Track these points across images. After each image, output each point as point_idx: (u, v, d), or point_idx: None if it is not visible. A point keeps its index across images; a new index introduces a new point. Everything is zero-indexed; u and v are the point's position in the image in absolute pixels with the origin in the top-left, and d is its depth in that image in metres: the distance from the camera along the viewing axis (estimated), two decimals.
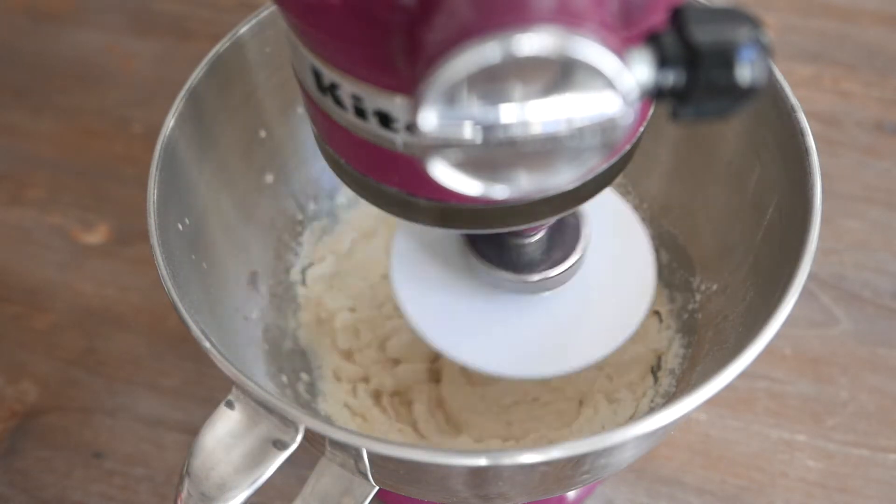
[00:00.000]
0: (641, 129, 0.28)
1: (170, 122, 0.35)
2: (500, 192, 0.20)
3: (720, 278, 0.40)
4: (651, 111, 0.28)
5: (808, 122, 0.34)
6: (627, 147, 0.27)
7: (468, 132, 0.18)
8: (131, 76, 0.64)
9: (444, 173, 0.19)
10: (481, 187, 0.20)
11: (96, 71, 0.65)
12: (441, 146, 0.18)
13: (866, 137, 0.58)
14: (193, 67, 0.37)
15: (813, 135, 0.34)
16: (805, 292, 0.50)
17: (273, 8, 0.39)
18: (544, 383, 0.44)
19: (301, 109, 0.43)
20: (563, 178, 0.20)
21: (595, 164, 0.20)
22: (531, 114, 0.18)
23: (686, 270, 0.43)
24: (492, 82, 0.18)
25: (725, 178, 0.40)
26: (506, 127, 0.18)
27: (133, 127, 0.61)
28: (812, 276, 0.52)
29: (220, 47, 0.37)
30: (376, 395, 0.45)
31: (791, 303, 0.30)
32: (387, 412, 0.44)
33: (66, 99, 0.63)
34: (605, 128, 0.19)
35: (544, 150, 0.19)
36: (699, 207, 0.42)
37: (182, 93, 0.36)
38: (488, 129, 0.18)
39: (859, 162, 0.57)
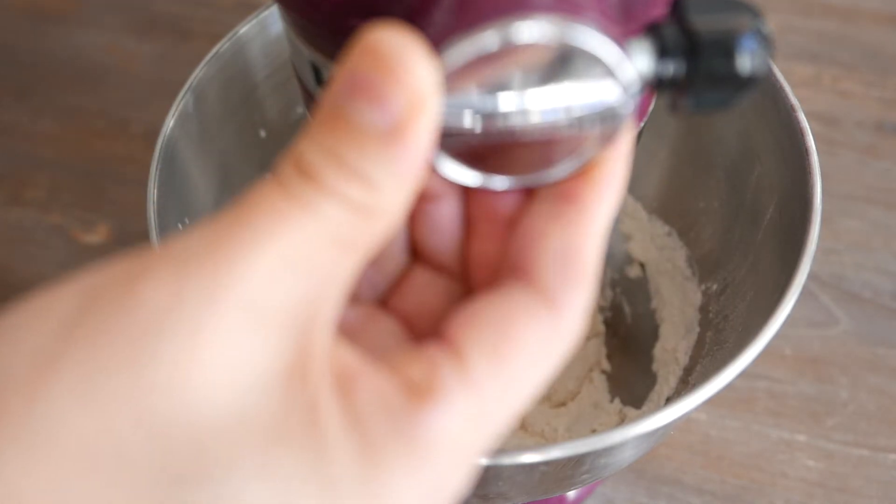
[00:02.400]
0: (641, 124, 0.28)
1: (170, 121, 0.35)
2: (498, 183, 0.20)
3: (720, 278, 0.40)
4: (651, 107, 0.28)
5: (808, 122, 0.34)
6: None
7: (467, 121, 0.18)
8: (131, 76, 0.64)
9: (443, 164, 0.19)
10: (480, 178, 0.20)
11: (96, 71, 0.65)
12: (440, 135, 0.18)
13: (866, 137, 0.58)
14: (193, 67, 0.37)
15: (813, 135, 0.34)
16: (805, 292, 0.50)
17: (273, 7, 0.39)
18: None
19: (301, 109, 0.43)
20: (563, 170, 0.19)
21: (595, 156, 0.19)
22: (530, 102, 0.18)
23: (686, 270, 0.43)
24: (490, 71, 0.18)
25: (725, 178, 0.40)
26: (505, 116, 0.18)
27: (133, 127, 0.61)
28: (812, 276, 0.52)
29: (219, 47, 0.37)
30: None
31: (791, 303, 0.30)
32: None
33: (66, 99, 0.63)
34: (605, 117, 0.19)
35: (544, 140, 0.19)
36: (699, 207, 0.42)
37: (182, 93, 0.36)
38: (487, 117, 0.18)
39: (859, 162, 0.57)
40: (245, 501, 0.15)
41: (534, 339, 0.18)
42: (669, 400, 0.41)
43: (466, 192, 0.21)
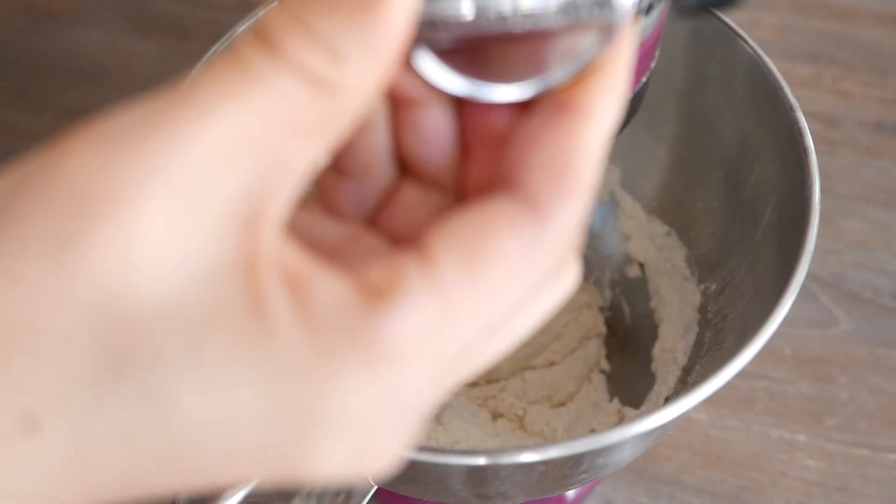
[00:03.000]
0: (644, 79, 0.27)
1: None
2: (488, 92, 0.18)
3: (719, 278, 0.40)
4: (653, 63, 0.28)
5: (808, 122, 0.34)
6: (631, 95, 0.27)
7: (461, 6, 0.17)
8: (131, 76, 0.64)
9: (425, 65, 0.18)
10: (466, 85, 0.18)
11: (96, 71, 0.65)
12: (429, 27, 0.17)
13: (866, 137, 0.58)
14: (193, 67, 0.37)
15: (813, 135, 0.34)
16: (805, 292, 0.50)
17: (272, 7, 0.39)
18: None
19: None
20: (558, 76, 0.18)
21: (591, 58, 0.18)
22: None
23: (685, 270, 0.43)
24: None
25: (724, 178, 0.40)
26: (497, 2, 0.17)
27: None
28: (812, 276, 0.52)
29: (218, 47, 0.37)
30: None
31: (789, 302, 0.30)
32: None
33: (66, 99, 0.63)
34: (601, 2, 0.17)
35: (536, 36, 0.18)
36: (698, 207, 0.42)
37: None
38: (480, 4, 0.17)
39: (859, 162, 0.57)
40: (179, 392, 0.14)
41: (513, 247, 0.16)
42: (668, 400, 0.41)
43: (460, 109, 0.19)
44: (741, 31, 0.38)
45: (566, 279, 0.18)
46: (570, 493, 0.43)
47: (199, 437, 0.15)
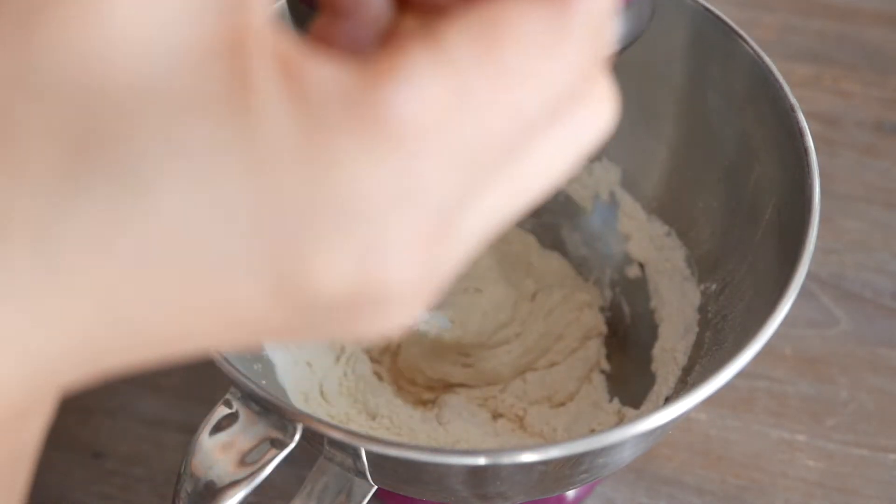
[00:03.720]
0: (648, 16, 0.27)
1: None
2: None
3: (719, 278, 0.40)
4: (653, 11, 0.27)
5: (808, 122, 0.34)
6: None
7: None
8: None
9: None
10: None
11: None
12: None
13: (866, 137, 0.58)
14: None
15: (813, 135, 0.34)
16: (805, 292, 0.50)
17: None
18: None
19: None
20: None
21: None
22: None
23: (685, 270, 0.43)
24: None
25: (724, 177, 0.40)
26: None
27: None
28: (812, 276, 0.52)
29: None
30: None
31: (789, 302, 0.30)
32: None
33: None
34: None
35: None
36: (698, 207, 0.42)
37: None
38: None
39: (859, 162, 0.57)
40: (155, 184, 0.13)
41: (530, 28, 0.14)
42: (668, 400, 0.41)
43: None
44: (741, 31, 0.38)
45: (600, 103, 0.16)
46: (570, 493, 0.44)
47: (181, 243, 0.13)
